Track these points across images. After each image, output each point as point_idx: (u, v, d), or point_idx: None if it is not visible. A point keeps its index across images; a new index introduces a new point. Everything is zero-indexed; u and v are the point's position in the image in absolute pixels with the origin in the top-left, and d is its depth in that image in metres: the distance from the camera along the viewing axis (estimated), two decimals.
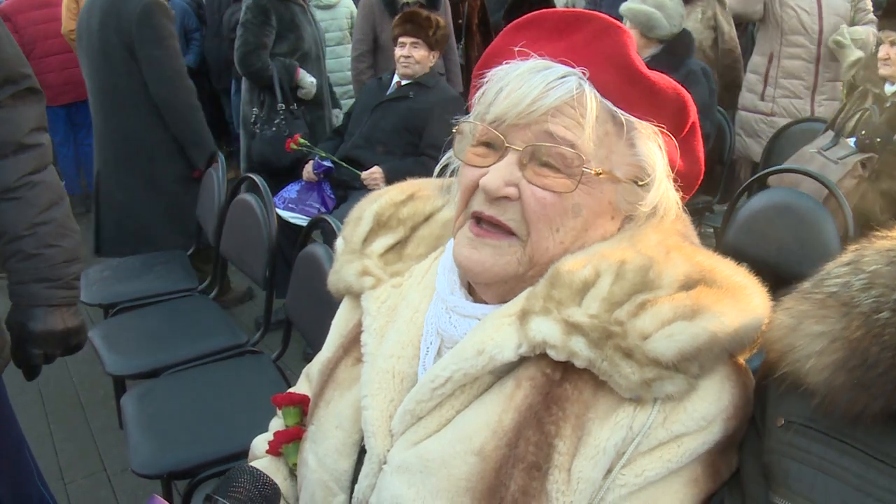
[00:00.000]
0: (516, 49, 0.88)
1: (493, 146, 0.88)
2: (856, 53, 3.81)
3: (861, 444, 0.72)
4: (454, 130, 0.93)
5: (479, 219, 0.89)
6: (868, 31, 4.01)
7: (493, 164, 0.86)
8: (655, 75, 0.89)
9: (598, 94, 0.85)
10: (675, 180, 0.92)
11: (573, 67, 0.85)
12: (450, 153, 0.99)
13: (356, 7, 4.94)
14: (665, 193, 0.90)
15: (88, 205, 5.97)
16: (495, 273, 0.88)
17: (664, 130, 0.89)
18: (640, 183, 0.88)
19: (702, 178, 0.98)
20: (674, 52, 3.72)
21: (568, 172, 0.84)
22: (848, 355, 0.72)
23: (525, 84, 0.84)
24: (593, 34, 0.88)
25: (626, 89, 0.86)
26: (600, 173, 0.85)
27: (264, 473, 0.95)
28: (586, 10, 0.92)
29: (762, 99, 4.20)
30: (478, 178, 0.87)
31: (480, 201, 0.88)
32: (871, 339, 0.71)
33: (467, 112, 0.95)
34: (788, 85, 4.13)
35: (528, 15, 0.94)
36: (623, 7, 3.79)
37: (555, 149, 0.84)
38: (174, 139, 3.39)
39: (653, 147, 0.88)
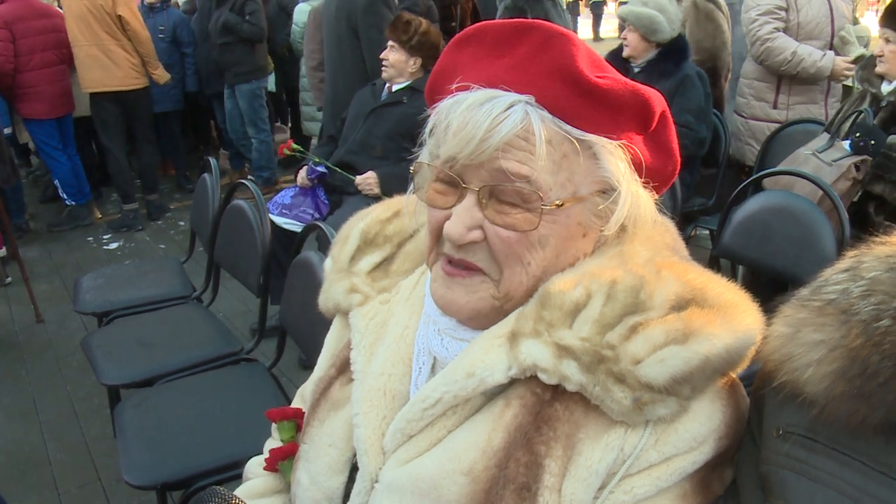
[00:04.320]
0: (453, 87, 0.84)
1: (451, 184, 0.86)
2: (859, 50, 3.80)
3: (861, 456, 0.71)
4: (411, 170, 0.91)
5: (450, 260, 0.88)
6: (867, 28, 3.98)
7: (454, 205, 0.84)
8: (607, 80, 0.83)
9: (548, 117, 0.81)
10: (646, 181, 0.88)
11: (519, 93, 0.81)
12: (411, 187, 0.95)
13: None
14: (634, 204, 0.87)
15: (88, 215, 5.97)
16: (471, 309, 0.87)
17: (626, 143, 0.85)
18: (607, 195, 0.85)
19: (677, 172, 0.94)
20: (670, 56, 3.71)
21: (528, 207, 0.82)
22: (847, 364, 0.71)
23: (470, 121, 0.80)
24: (537, 47, 0.83)
25: (577, 102, 0.81)
26: (561, 204, 0.82)
27: (235, 496, 0.95)
28: (528, 20, 0.87)
29: (775, 107, 4.07)
30: (442, 222, 0.85)
31: (449, 246, 0.86)
32: (870, 347, 0.70)
33: None
34: (806, 90, 4.03)
35: (469, 28, 0.90)
36: (623, 9, 3.77)
37: (511, 187, 0.81)
38: None
39: (615, 161, 0.84)
